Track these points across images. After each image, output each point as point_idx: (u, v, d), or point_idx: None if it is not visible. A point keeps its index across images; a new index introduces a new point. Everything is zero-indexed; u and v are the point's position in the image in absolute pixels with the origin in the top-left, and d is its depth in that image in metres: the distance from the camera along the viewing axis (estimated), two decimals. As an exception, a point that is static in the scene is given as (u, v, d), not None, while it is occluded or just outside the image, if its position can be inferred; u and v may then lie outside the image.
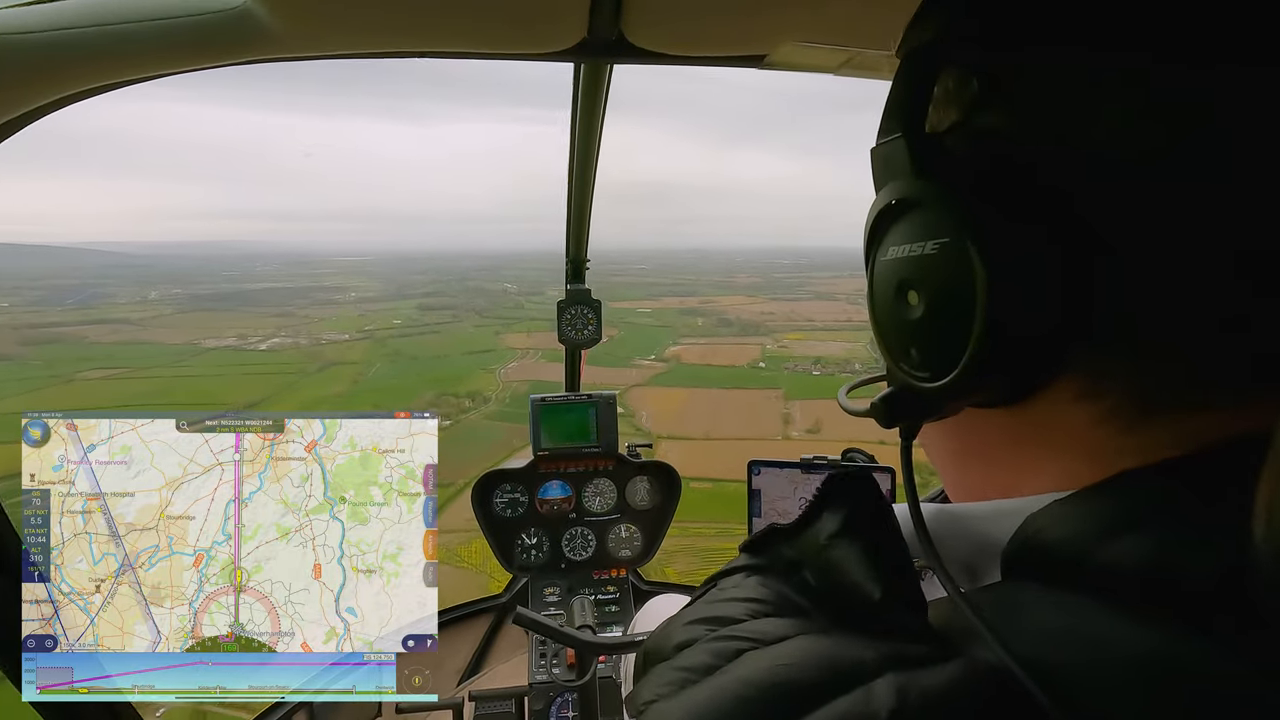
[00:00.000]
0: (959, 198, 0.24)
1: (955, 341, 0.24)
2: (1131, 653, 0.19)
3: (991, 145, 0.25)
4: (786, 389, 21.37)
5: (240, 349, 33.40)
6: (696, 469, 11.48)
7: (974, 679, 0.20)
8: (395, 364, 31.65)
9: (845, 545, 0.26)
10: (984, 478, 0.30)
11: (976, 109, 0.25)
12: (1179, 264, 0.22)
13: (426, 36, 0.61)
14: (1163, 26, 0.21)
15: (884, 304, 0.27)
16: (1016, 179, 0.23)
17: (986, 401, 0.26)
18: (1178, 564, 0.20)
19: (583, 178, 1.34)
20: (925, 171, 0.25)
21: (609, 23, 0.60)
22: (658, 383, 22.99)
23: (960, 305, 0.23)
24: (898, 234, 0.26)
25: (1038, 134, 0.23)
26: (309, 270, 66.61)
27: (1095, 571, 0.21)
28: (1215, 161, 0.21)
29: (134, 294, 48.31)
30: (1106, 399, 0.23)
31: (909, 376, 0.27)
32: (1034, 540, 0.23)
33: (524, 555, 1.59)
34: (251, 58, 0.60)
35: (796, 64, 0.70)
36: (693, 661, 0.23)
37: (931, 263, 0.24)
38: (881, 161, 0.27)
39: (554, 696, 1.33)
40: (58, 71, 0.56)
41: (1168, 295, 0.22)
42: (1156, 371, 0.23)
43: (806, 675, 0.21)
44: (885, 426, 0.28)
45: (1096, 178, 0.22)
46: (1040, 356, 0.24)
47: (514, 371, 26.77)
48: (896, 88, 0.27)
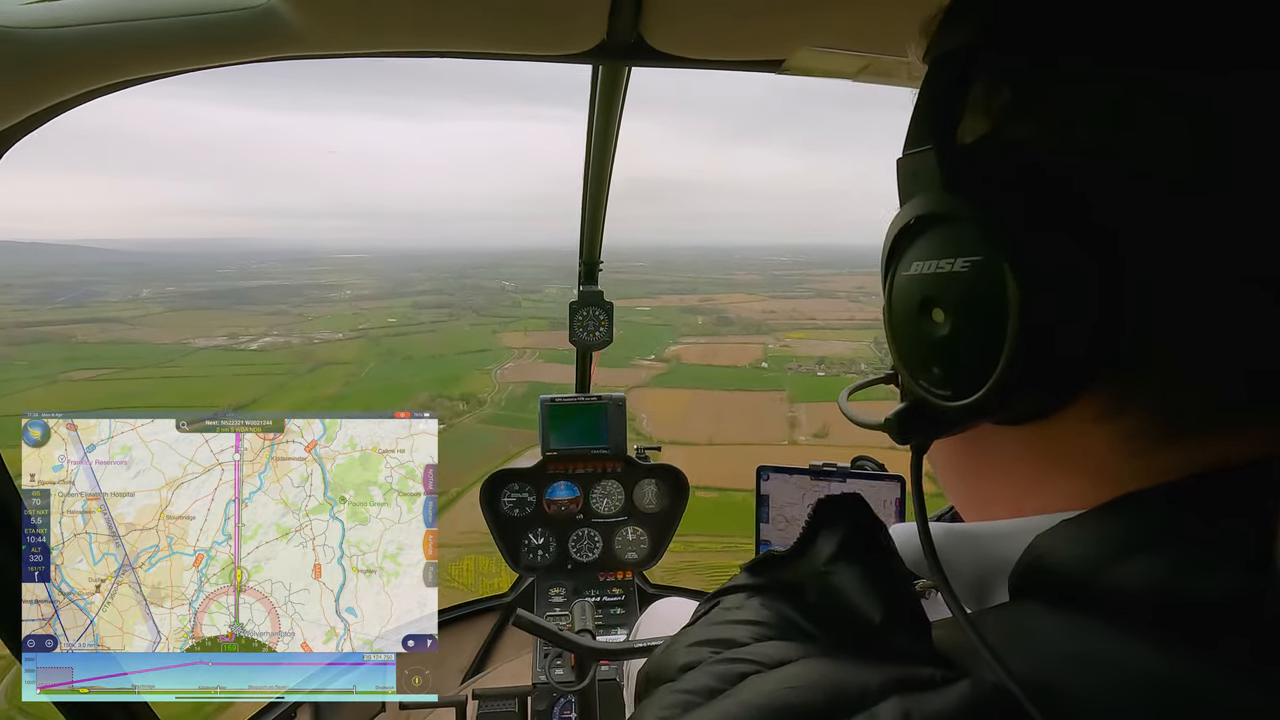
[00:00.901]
0: (994, 216, 0.23)
1: (984, 361, 0.23)
2: (1142, 679, 0.19)
3: (1022, 157, 0.24)
4: (791, 390, 21.16)
5: (231, 348, 33.23)
6: (701, 476, 10.78)
7: (980, 703, 0.20)
8: (389, 364, 31.47)
9: (843, 569, 0.26)
10: (991, 493, 0.30)
11: (1008, 119, 0.25)
12: (1210, 285, 0.21)
13: (447, 37, 0.63)
14: (1205, 39, 0.21)
15: (905, 320, 0.27)
16: (1050, 196, 0.23)
17: (1006, 419, 0.26)
18: (1190, 587, 0.20)
19: (598, 180, 1.35)
20: (957, 186, 0.25)
21: (628, 25, 0.61)
22: (658, 384, 22.76)
23: (992, 325, 0.23)
24: (923, 249, 0.26)
25: (1072, 147, 0.23)
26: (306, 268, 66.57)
27: (1105, 593, 0.21)
28: (1256, 182, 0.20)
29: (126, 292, 48.19)
30: (1127, 420, 0.23)
31: (928, 394, 0.26)
32: (1042, 561, 0.23)
33: (530, 555, 1.62)
34: (275, 55, 0.62)
35: (814, 69, 0.71)
36: (696, 684, 0.24)
37: (961, 280, 0.24)
38: (909, 173, 0.27)
39: (557, 697, 1.34)
40: (87, 65, 0.58)
41: (1200, 317, 0.22)
42: (1181, 394, 0.23)
43: (810, 699, 0.21)
44: (899, 442, 0.28)
45: (1134, 196, 0.22)
46: (1069, 377, 0.24)
47: (510, 372, 26.54)
48: (926, 95, 0.27)
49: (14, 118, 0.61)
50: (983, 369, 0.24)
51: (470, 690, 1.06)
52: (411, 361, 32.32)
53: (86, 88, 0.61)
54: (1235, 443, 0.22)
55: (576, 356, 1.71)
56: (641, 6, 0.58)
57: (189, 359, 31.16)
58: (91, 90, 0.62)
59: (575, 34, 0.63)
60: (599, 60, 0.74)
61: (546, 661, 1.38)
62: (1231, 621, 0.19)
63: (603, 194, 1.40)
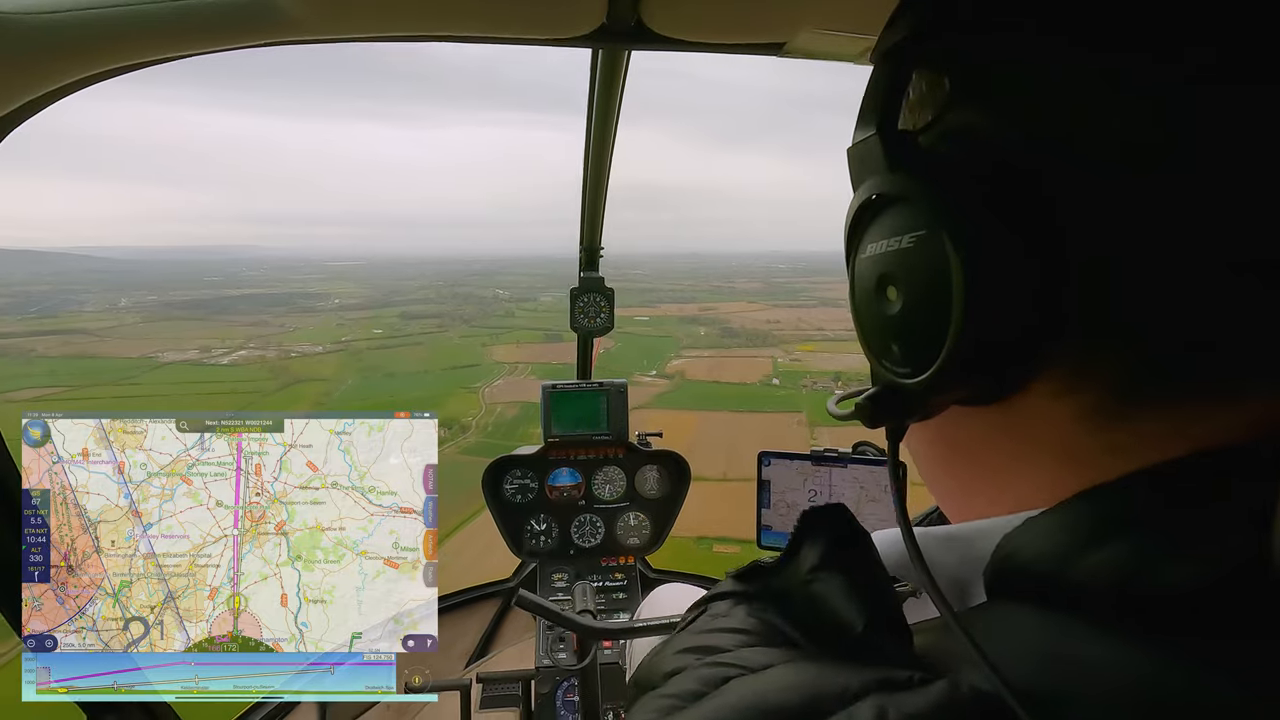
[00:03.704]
0: (933, 189, 0.25)
1: (934, 335, 0.25)
2: (1114, 676, 0.20)
3: (964, 141, 0.26)
4: (809, 412, 20.63)
5: (200, 363, 32.78)
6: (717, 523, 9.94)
7: (958, 702, 0.20)
8: (368, 381, 30.85)
9: (826, 578, 0.27)
10: (969, 483, 0.31)
11: (949, 108, 0.27)
12: (1154, 259, 0.23)
13: (444, 21, 0.65)
14: (1139, 24, 0.22)
15: (864, 301, 0.29)
16: (989, 172, 0.24)
17: (970, 398, 0.27)
18: (1155, 576, 0.21)
19: (598, 166, 1.41)
20: (899, 166, 0.27)
21: (628, 8, 0.63)
22: (662, 404, 21.85)
23: (938, 298, 0.25)
24: (875, 230, 0.28)
25: (1010, 130, 0.25)
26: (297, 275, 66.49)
27: (1071, 587, 0.22)
28: (1187, 161, 0.22)
29: (104, 301, 47.87)
30: (1087, 394, 0.24)
31: (891, 374, 0.28)
32: (1011, 560, 0.25)
33: (533, 541, 1.68)
34: (270, 40, 0.64)
35: (816, 52, 0.73)
36: (680, 689, 0.25)
37: (908, 257, 0.26)
38: (857, 161, 0.29)
39: (560, 679, 1.39)
40: (84, 51, 0.61)
41: (1144, 289, 0.23)
42: (1134, 366, 0.24)
43: (790, 700, 0.22)
44: (870, 426, 0.29)
45: (1069, 171, 0.23)
46: (1019, 350, 0.25)
47: (500, 390, 25.77)
48: (870, 88, 0.29)
49: (11, 104, 0.64)
50: (935, 342, 0.25)
51: (474, 674, 1.09)
52: (393, 378, 31.71)
53: (83, 74, 0.64)
54: (1200, 426, 0.23)
55: (578, 343, 1.78)
56: None
57: (151, 375, 30.56)
58: (88, 76, 0.65)
59: (574, 17, 0.65)
60: (599, 44, 0.76)
61: (549, 645, 1.44)
62: (1198, 613, 0.20)
63: (603, 180, 1.46)
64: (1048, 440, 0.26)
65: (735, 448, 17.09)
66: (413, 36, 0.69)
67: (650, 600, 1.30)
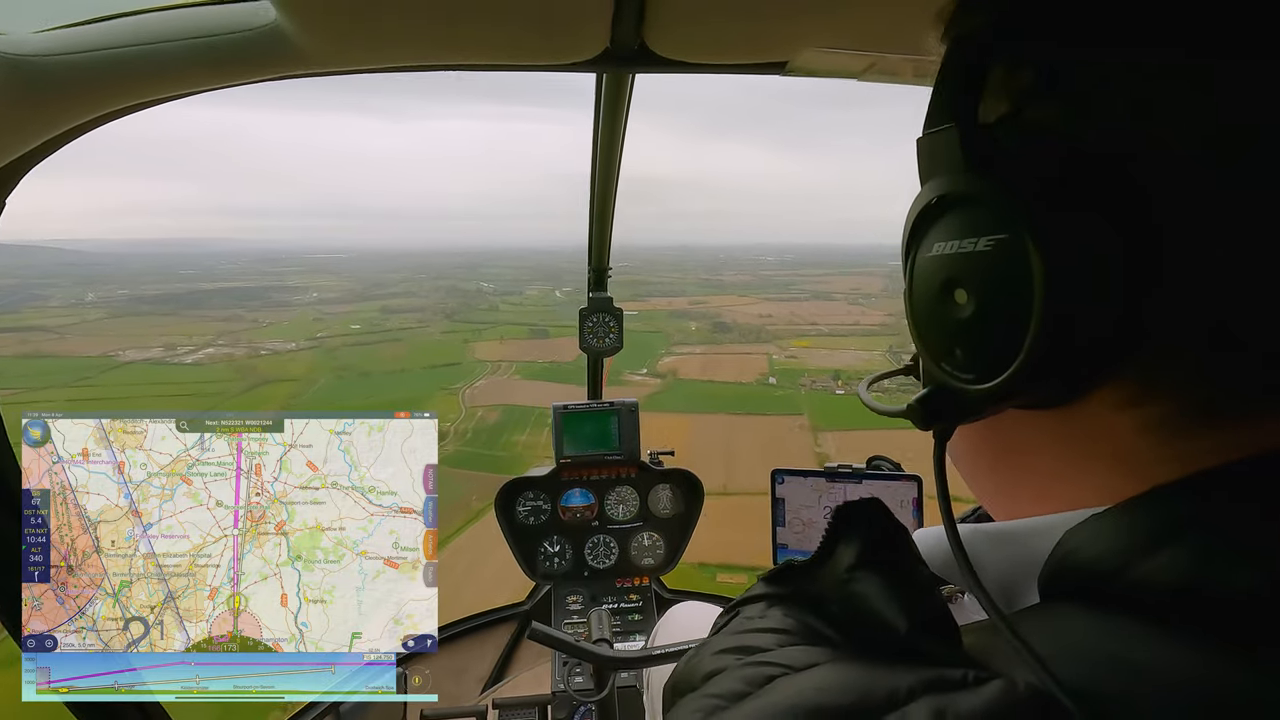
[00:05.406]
0: (1017, 193, 0.25)
1: (1008, 342, 0.25)
2: (1175, 679, 0.20)
3: (1046, 139, 0.25)
4: (810, 414, 20.01)
5: (163, 362, 31.48)
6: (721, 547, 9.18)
7: (1016, 700, 0.20)
8: (341, 381, 29.90)
9: (864, 577, 0.27)
10: (1016, 482, 0.31)
11: (1030, 101, 0.26)
12: (1245, 269, 0.23)
13: (451, 52, 0.68)
14: (1231, 23, 0.23)
15: (926, 302, 0.29)
16: (1075, 175, 0.24)
17: (1031, 404, 0.27)
18: (1217, 580, 0.21)
19: (605, 186, 1.46)
20: (980, 165, 0.26)
21: (631, 32, 0.66)
22: (654, 406, 21.00)
23: (1016, 305, 0.24)
24: (946, 229, 0.27)
25: (1098, 129, 0.24)
26: (275, 268, 65.06)
27: (1132, 589, 0.22)
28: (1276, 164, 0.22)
29: (71, 296, 46.24)
30: (1154, 406, 0.25)
31: (951, 377, 0.28)
32: (1071, 558, 0.25)
33: (547, 563, 1.73)
34: (282, 74, 0.68)
35: (819, 70, 0.75)
36: (723, 689, 0.25)
37: (984, 260, 0.25)
38: (929, 153, 0.28)
39: (577, 705, 1.40)
40: (104, 89, 0.64)
41: (1230, 302, 0.23)
42: (1210, 381, 0.24)
43: (840, 700, 0.22)
44: (922, 428, 0.29)
45: (1161, 176, 0.23)
46: (1096, 360, 0.25)
47: (481, 392, 24.87)
48: (945, 76, 0.28)
49: (31, 143, 0.67)
50: (1007, 351, 0.25)
51: (490, 700, 1.14)
52: (368, 378, 30.69)
53: (100, 111, 0.67)
54: (1264, 431, 0.23)
55: (588, 363, 1.83)
56: (644, 13, 0.62)
57: (108, 376, 29.16)
58: (105, 114, 0.68)
59: (578, 43, 0.68)
60: (603, 68, 0.78)
61: (565, 670, 1.46)
62: (1262, 616, 0.20)
63: (609, 201, 1.51)
64: (1105, 449, 0.26)
65: (735, 456, 16.51)
66: (421, 67, 0.72)
67: (666, 620, 1.32)
